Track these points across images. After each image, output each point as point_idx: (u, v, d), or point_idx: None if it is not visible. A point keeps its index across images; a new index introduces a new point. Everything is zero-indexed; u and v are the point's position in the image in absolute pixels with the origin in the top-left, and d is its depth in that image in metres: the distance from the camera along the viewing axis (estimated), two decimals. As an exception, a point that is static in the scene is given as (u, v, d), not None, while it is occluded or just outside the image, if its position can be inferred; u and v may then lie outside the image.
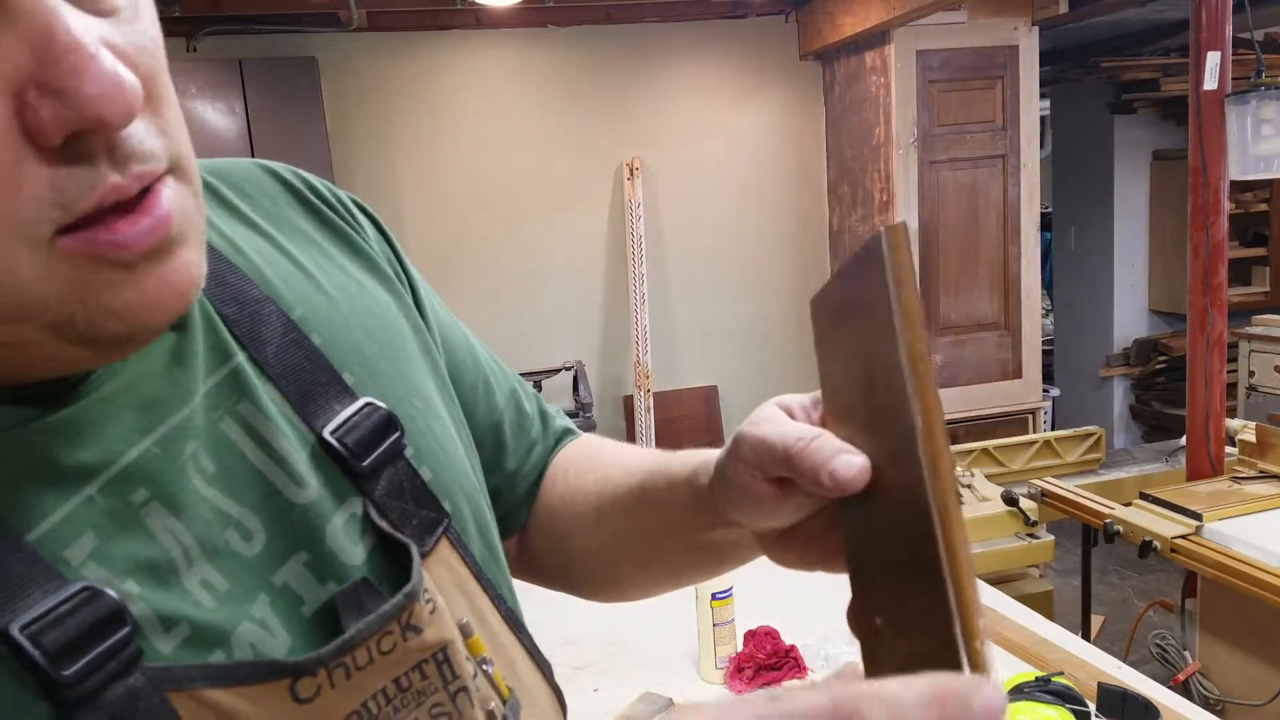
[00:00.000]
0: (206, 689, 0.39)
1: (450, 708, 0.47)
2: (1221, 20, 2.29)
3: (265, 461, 0.46)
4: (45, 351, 0.37)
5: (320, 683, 0.42)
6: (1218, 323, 2.37)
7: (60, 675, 0.36)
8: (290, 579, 0.45)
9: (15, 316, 0.35)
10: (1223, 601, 2.02)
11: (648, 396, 4.04)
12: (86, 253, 0.35)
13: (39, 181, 0.34)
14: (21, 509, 0.38)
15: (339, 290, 0.54)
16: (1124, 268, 5.25)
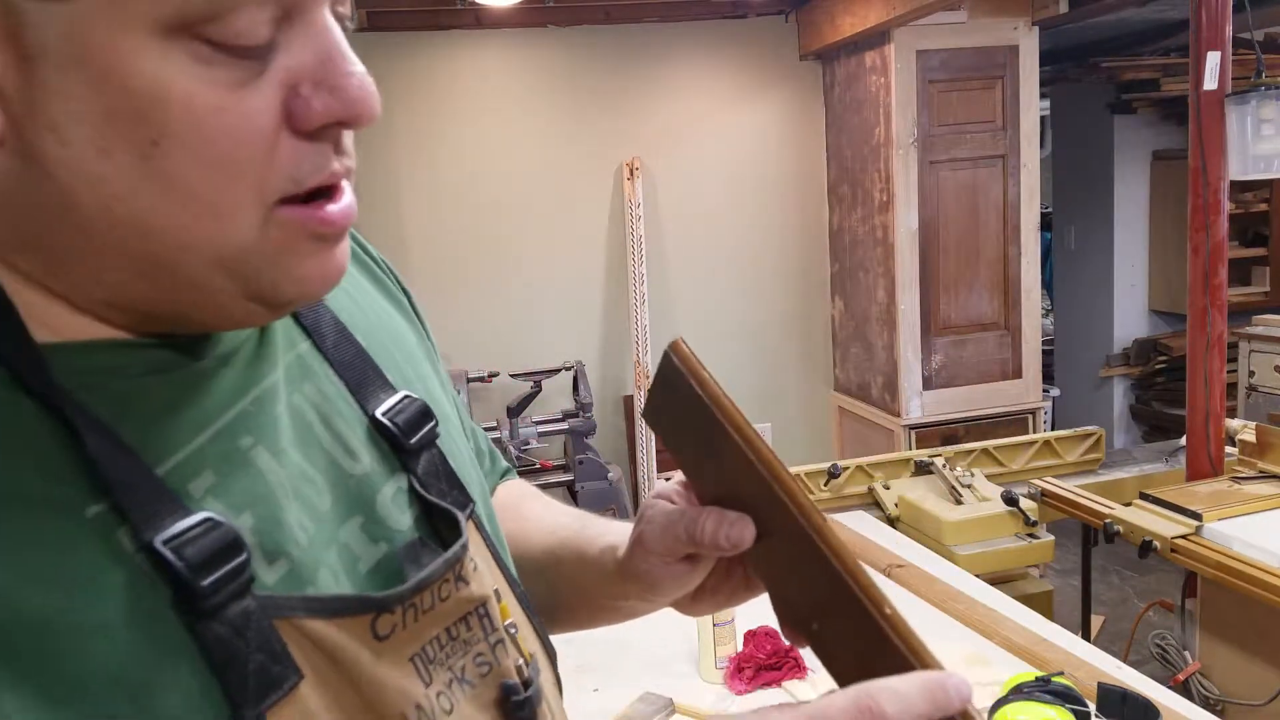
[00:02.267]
0: (305, 618, 0.44)
1: (490, 658, 0.54)
2: (1221, 20, 2.29)
3: (326, 435, 0.52)
4: (221, 304, 0.44)
5: (396, 621, 0.48)
6: (1218, 323, 2.37)
7: (199, 584, 0.41)
8: (349, 538, 0.51)
9: (231, 266, 0.43)
10: (1223, 601, 2.02)
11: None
12: (298, 223, 0.43)
13: (286, 155, 0.42)
14: (153, 445, 0.43)
15: (371, 310, 0.62)
16: (1124, 268, 5.25)
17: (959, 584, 1.83)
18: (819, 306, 4.39)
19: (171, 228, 0.41)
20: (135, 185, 0.40)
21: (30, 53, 0.38)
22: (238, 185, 0.41)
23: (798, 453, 4.28)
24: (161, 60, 0.39)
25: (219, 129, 0.40)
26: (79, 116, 0.39)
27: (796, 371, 4.43)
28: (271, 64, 0.41)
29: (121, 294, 0.43)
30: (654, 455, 4.06)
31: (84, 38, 0.38)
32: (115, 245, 0.41)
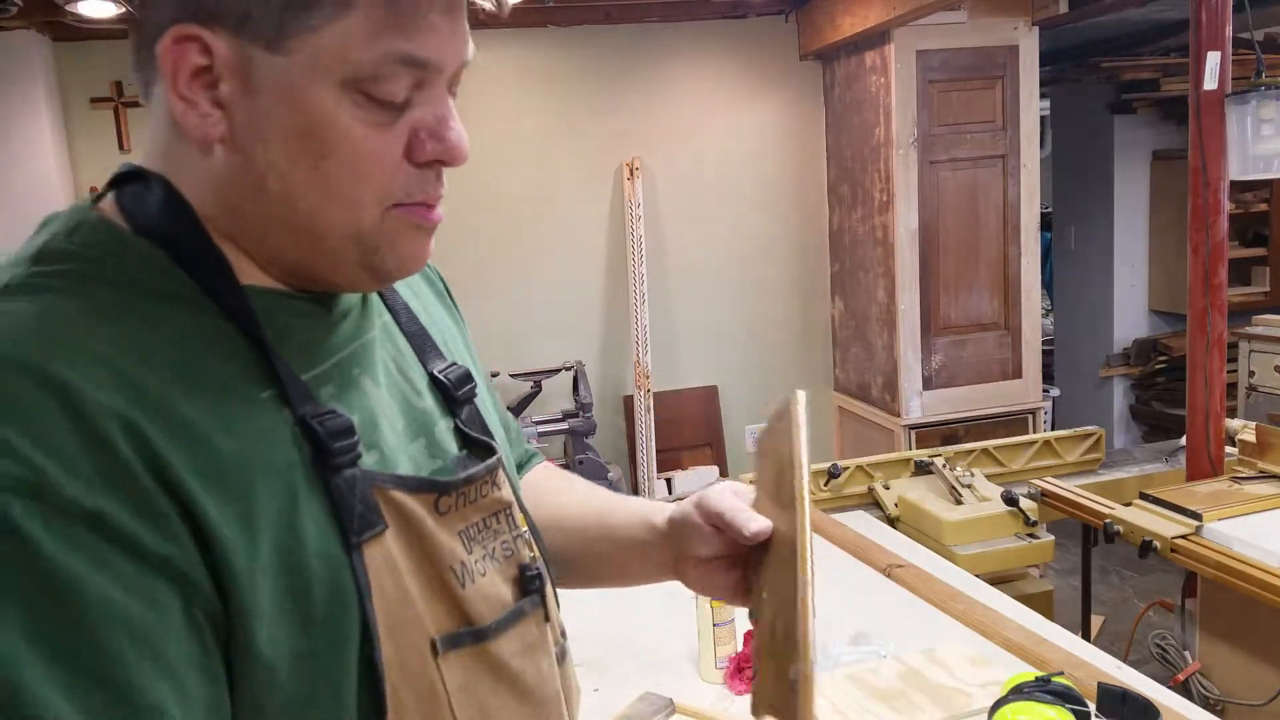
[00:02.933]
0: (390, 488, 0.64)
1: (512, 546, 0.73)
2: (1221, 20, 2.29)
3: (401, 380, 0.72)
4: (345, 270, 0.64)
5: (451, 503, 0.68)
6: (1218, 323, 2.37)
7: (333, 446, 0.61)
8: (416, 452, 0.70)
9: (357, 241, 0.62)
10: (1223, 601, 2.02)
11: (648, 396, 4.04)
12: (405, 217, 0.64)
13: (403, 176, 0.62)
14: (299, 362, 0.63)
15: (430, 306, 0.84)
16: (1124, 268, 5.25)
17: (959, 584, 1.83)
18: (819, 306, 4.39)
19: (323, 212, 0.61)
20: (306, 182, 0.60)
21: (254, 86, 0.58)
22: (368, 189, 0.61)
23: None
24: (335, 104, 0.59)
25: (363, 153, 0.60)
26: (278, 132, 0.59)
27: (796, 371, 4.43)
28: (404, 115, 0.62)
29: (281, 255, 0.63)
30: (654, 455, 4.06)
31: (290, 82, 0.58)
32: (285, 219, 0.61)
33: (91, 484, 0.51)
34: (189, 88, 0.58)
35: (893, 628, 1.64)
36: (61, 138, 3.66)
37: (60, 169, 3.61)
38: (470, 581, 0.68)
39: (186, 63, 0.58)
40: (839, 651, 1.57)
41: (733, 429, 4.40)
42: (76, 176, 3.73)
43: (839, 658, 1.55)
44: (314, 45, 0.58)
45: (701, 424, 4.33)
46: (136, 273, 0.60)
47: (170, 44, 0.57)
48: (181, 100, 0.59)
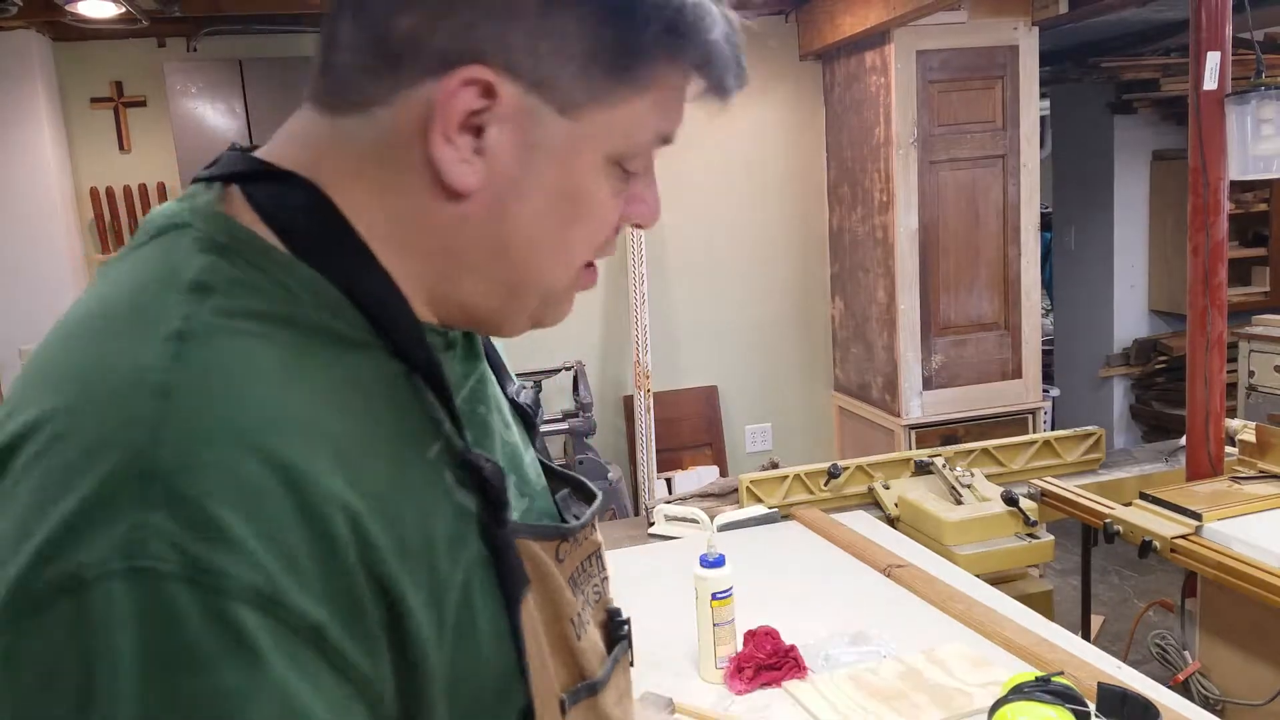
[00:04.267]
0: (528, 539, 0.61)
1: (601, 589, 0.72)
2: (1221, 20, 2.29)
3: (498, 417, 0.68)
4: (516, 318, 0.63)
5: (569, 548, 0.65)
6: (1218, 323, 2.37)
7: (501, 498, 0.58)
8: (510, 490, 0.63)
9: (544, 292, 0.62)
10: (1223, 601, 2.02)
11: (648, 396, 4.04)
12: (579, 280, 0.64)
13: (602, 239, 0.63)
14: None
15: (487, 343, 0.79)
16: (1124, 268, 5.25)
17: (959, 584, 1.83)
18: (819, 306, 4.39)
19: (545, 269, 0.61)
20: (548, 242, 0.60)
21: (531, 142, 0.57)
22: (587, 251, 0.63)
23: (798, 453, 4.28)
24: (598, 172, 0.59)
25: (603, 219, 0.62)
26: (541, 191, 0.58)
27: (796, 371, 4.43)
28: (630, 185, 0.62)
29: (468, 301, 0.61)
30: (654, 455, 4.06)
31: (568, 147, 0.57)
32: (505, 270, 0.60)
33: (316, 593, 0.46)
34: (457, 129, 0.55)
35: (892, 628, 1.64)
36: (61, 138, 3.66)
37: (60, 169, 3.61)
38: (584, 632, 0.66)
39: (464, 104, 0.54)
40: (839, 651, 1.57)
41: (733, 429, 4.40)
42: (76, 177, 3.73)
43: (839, 658, 1.55)
44: (604, 119, 0.58)
45: (701, 424, 4.33)
46: (318, 313, 0.54)
47: (460, 83, 0.54)
48: (445, 140, 0.55)
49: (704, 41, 0.57)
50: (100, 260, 3.73)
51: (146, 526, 0.44)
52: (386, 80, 0.55)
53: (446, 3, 0.54)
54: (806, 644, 1.57)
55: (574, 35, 0.55)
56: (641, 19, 0.56)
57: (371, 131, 0.56)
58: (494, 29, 0.54)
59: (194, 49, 3.72)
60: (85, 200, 3.72)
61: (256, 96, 3.56)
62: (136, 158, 3.76)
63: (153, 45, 3.72)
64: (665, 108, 0.60)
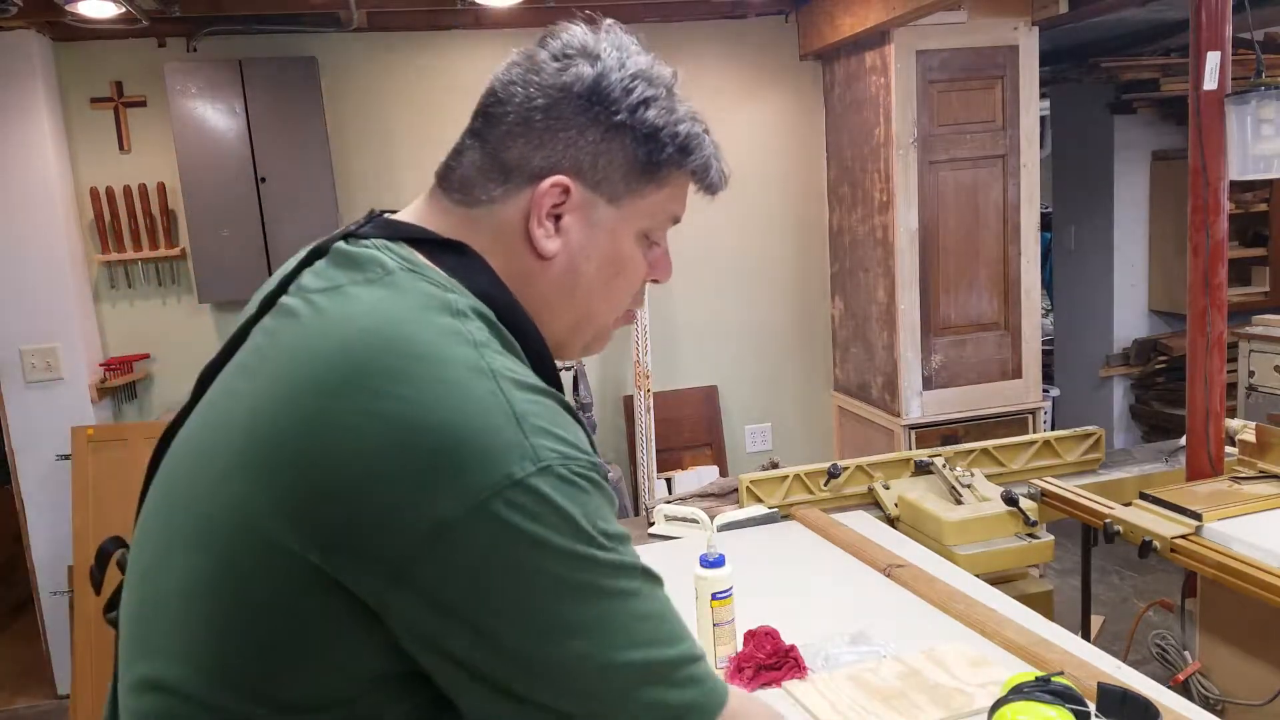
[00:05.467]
0: None
1: None
2: (1221, 20, 2.29)
3: None
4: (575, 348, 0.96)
5: None
6: (1218, 323, 2.37)
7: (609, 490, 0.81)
8: None
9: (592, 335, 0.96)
10: (1223, 601, 2.02)
11: (648, 396, 4.04)
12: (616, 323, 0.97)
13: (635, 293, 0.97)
14: None
15: None
16: (1124, 268, 5.25)
17: (959, 584, 1.83)
18: (819, 306, 4.39)
19: (598, 311, 0.94)
20: (601, 290, 0.92)
21: (591, 222, 0.89)
22: (626, 298, 0.95)
23: (798, 453, 4.28)
24: (632, 243, 0.92)
25: (635, 275, 0.94)
26: (596, 255, 0.90)
27: (796, 371, 4.43)
28: (653, 250, 0.96)
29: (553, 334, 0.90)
30: (654, 455, 4.06)
31: (614, 226, 0.90)
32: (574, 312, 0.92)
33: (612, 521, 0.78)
34: (548, 215, 0.87)
35: (892, 628, 1.64)
36: (61, 138, 3.66)
37: (60, 169, 3.61)
38: None
39: (550, 200, 0.86)
40: (839, 652, 1.57)
41: (733, 429, 4.40)
42: (76, 177, 3.73)
43: (839, 658, 1.55)
44: (638, 206, 0.90)
45: (701, 424, 4.33)
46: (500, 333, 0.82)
47: (549, 186, 0.86)
48: (539, 224, 0.86)
49: (700, 155, 0.92)
50: (101, 260, 3.73)
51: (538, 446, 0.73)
52: (503, 186, 0.87)
53: (543, 137, 0.86)
54: (806, 644, 1.57)
55: (620, 153, 0.88)
56: (662, 142, 0.89)
57: (494, 219, 0.87)
58: (570, 152, 0.86)
59: (194, 49, 3.72)
60: (85, 200, 3.72)
61: (256, 96, 3.56)
62: (136, 158, 3.75)
63: (153, 45, 3.72)
64: (677, 198, 0.95)
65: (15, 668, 4.00)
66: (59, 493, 3.56)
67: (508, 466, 0.71)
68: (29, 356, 3.56)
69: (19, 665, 4.00)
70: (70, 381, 3.60)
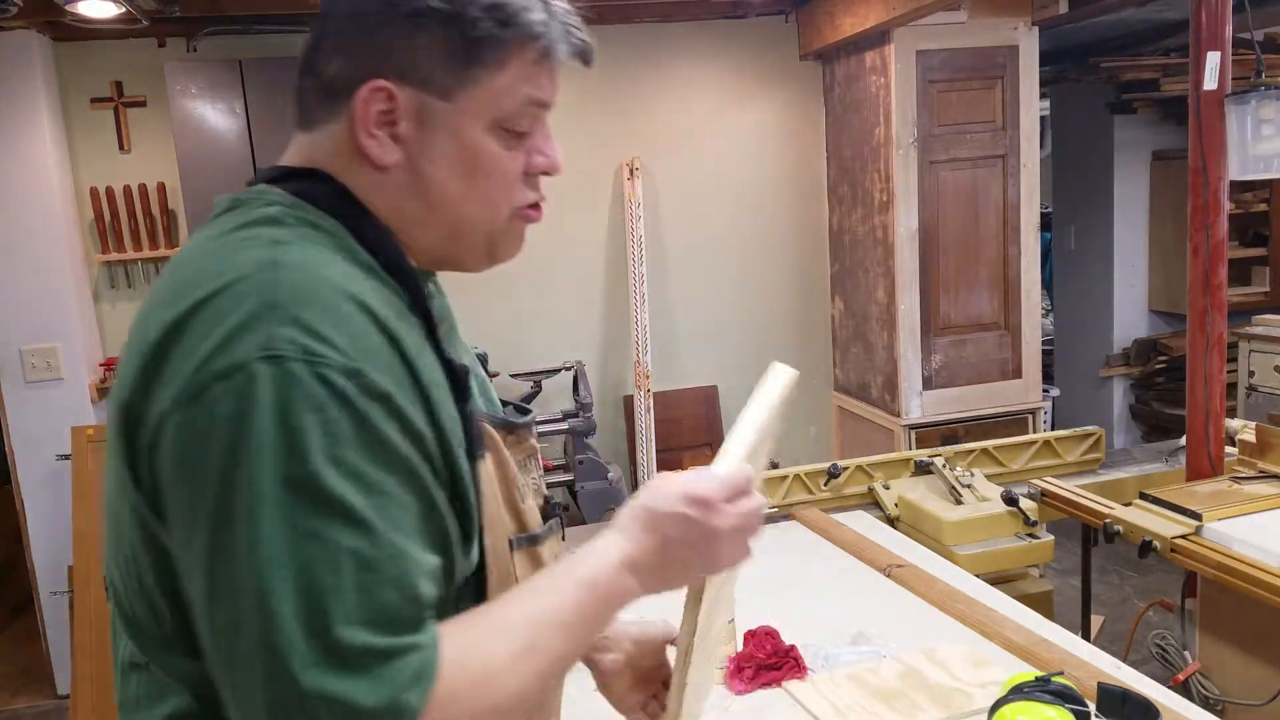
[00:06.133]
0: (487, 423, 0.86)
1: (539, 483, 0.96)
2: (1221, 20, 2.29)
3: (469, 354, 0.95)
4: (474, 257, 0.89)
5: (512, 440, 0.90)
6: (1218, 323, 2.37)
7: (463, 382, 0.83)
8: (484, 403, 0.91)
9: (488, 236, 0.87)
10: (1223, 601, 2.02)
11: (648, 396, 4.04)
12: (521, 219, 0.88)
13: (521, 186, 0.87)
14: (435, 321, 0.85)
15: None
16: (1124, 268, 5.25)
17: (959, 584, 1.83)
18: (819, 306, 4.39)
19: (469, 215, 0.85)
20: (460, 191, 0.84)
21: (428, 124, 0.82)
22: (502, 196, 0.86)
23: (798, 453, 4.28)
24: (483, 136, 0.83)
25: (501, 171, 0.85)
26: (444, 157, 0.82)
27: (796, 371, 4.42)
28: (526, 142, 0.86)
29: (427, 245, 0.86)
30: (654, 455, 4.06)
31: (455, 121, 0.82)
32: (438, 220, 0.85)
33: (384, 374, 0.72)
34: (376, 126, 0.81)
35: (893, 628, 1.64)
36: (61, 138, 3.66)
37: (60, 169, 3.61)
38: (524, 500, 0.90)
39: (374, 107, 0.80)
40: (839, 651, 1.57)
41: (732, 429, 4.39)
42: (76, 176, 3.73)
43: (839, 658, 1.55)
44: (476, 95, 0.81)
45: (701, 424, 4.33)
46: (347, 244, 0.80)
47: (366, 94, 0.80)
48: (368, 135, 0.81)
49: (527, 23, 0.81)
50: (101, 260, 3.73)
51: (276, 334, 0.69)
52: (331, 105, 0.83)
53: (352, 47, 0.81)
54: (806, 644, 1.57)
55: (431, 42, 0.80)
56: (471, 19, 0.79)
57: (331, 140, 0.84)
58: (384, 55, 0.80)
59: (194, 49, 3.72)
60: (85, 200, 3.72)
61: (256, 96, 3.56)
62: (136, 158, 3.75)
63: (153, 45, 3.72)
64: (530, 79, 0.83)
65: (15, 668, 4.00)
66: (59, 493, 3.57)
67: (230, 351, 0.68)
68: (29, 356, 3.56)
69: (19, 665, 4.01)
70: (70, 381, 3.60)
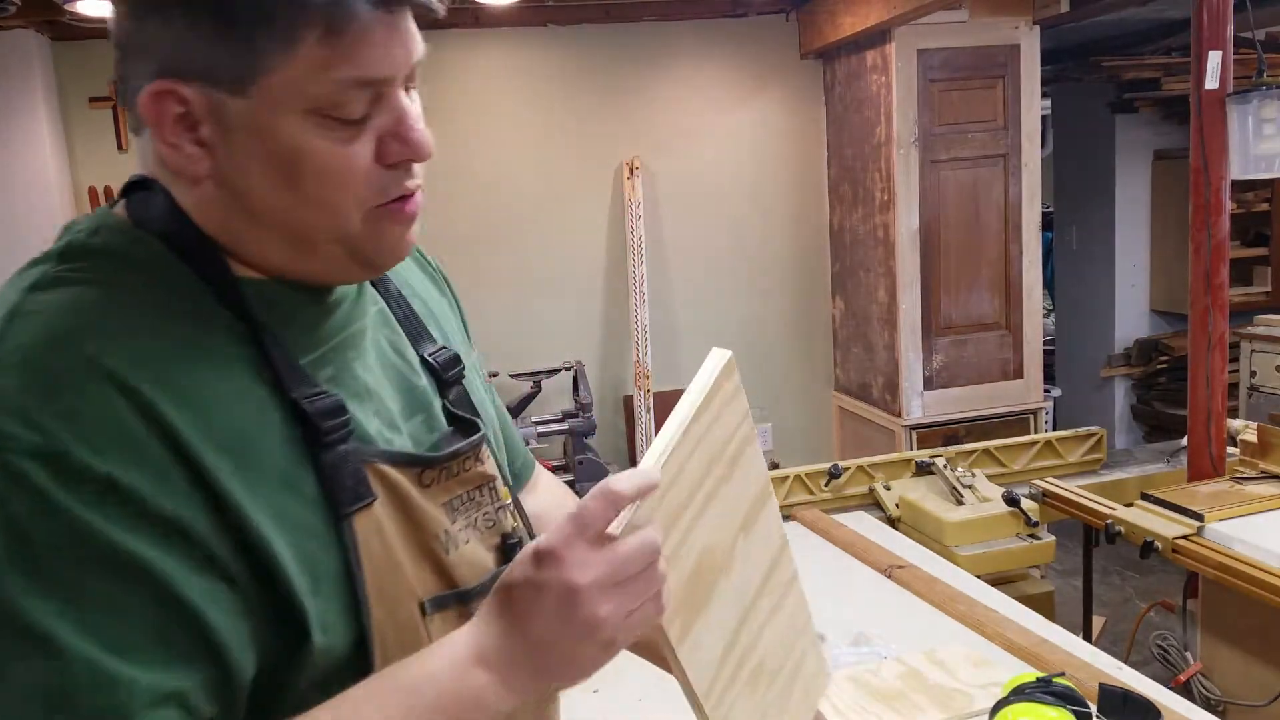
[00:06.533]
0: (379, 463, 0.71)
1: (494, 517, 0.81)
2: (1223, 19, 2.29)
3: (400, 362, 0.81)
4: (337, 267, 0.72)
5: (434, 476, 0.76)
6: (1219, 323, 2.37)
7: (322, 425, 0.68)
8: (414, 429, 0.78)
9: (342, 241, 0.70)
10: (1224, 602, 2.02)
11: (648, 396, 4.03)
12: (387, 216, 0.71)
13: (377, 179, 0.69)
14: (300, 345, 0.72)
15: (424, 293, 0.92)
16: (1125, 267, 5.25)
17: (960, 585, 1.83)
18: (819, 306, 4.39)
19: (309, 222, 0.69)
20: (287, 199, 0.68)
21: (228, 125, 0.66)
22: (345, 197, 0.69)
23: (798, 453, 4.27)
24: (301, 129, 0.66)
25: (334, 167, 0.68)
26: (255, 160, 0.67)
27: (796, 371, 4.42)
28: (368, 126, 0.68)
29: (276, 261, 0.71)
30: (654, 455, 4.05)
31: (257, 118, 0.66)
32: (275, 232, 0.70)
33: (104, 452, 0.59)
34: (172, 133, 0.67)
35: (893, 628, 1.64)
36: (60, 137, 3.66)
37: (59, 168, 3.61)
38: (454, 548, 0.76)
39: (167, 113, 0.66)
40: (839, 652, 1.57)
41: (733, 429, 4.39)
42: (75, 176, 3.73)
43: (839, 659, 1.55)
44: (271, 85, 0.65)
45: (702, 424, 4.32)
46: (149, 265, 0.69)
47: (148, 99, 0.66)
48: (167, 145, 0.68)
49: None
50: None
51: None
52: (135, 112, 0.69)
53: (126, 42, 0.68)
54: (807, 645, 1.56)
55: (203, 31, 0.65)
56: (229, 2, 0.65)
57: (146, 151, 0.72)
58: (156, 50, 0.66)
59: (193, 48, 3.72)
60: (84, 199, 3.71)
61: (256, 96, 3.56)
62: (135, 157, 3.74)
63: (152, 45, 3.72)
64: (342, 55, 0.65)
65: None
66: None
67: None
68: (28, 356, 3.56)
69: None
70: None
